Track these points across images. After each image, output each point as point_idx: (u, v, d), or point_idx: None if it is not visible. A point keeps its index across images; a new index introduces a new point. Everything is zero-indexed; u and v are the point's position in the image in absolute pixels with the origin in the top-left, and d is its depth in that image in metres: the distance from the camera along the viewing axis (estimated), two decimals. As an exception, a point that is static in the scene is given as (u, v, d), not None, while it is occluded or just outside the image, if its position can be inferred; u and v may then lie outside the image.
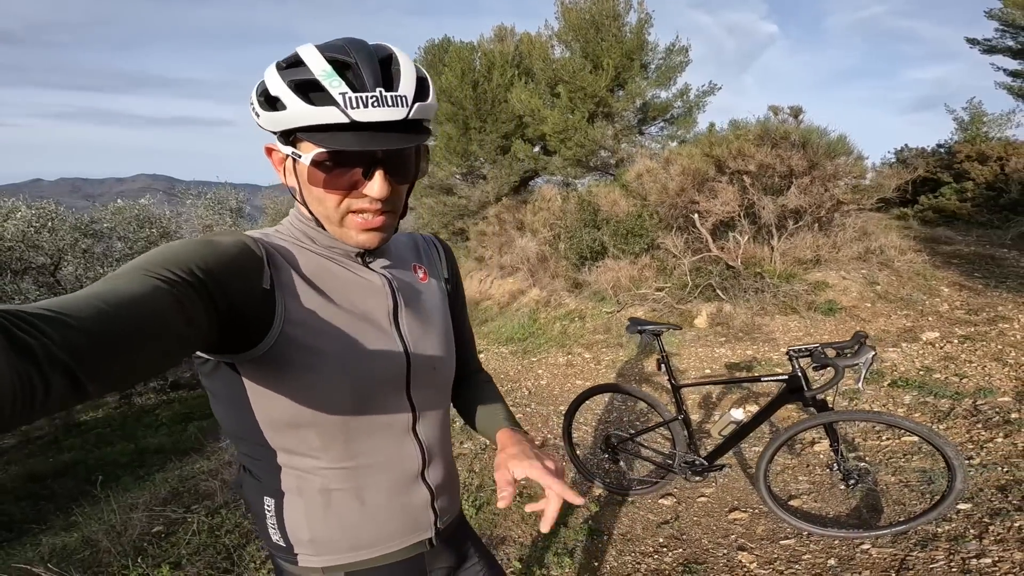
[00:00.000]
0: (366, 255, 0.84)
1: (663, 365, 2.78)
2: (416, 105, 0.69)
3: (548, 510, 0.74)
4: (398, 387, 0.85)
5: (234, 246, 0.70)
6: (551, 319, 7.33)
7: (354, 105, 0.66)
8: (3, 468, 6.98)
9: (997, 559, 2.11)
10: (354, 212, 0.75)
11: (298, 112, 0.67)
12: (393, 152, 0.71)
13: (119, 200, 10.13)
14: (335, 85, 0.66)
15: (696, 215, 6.64)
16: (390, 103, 0.67)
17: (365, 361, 0.80)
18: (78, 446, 7.46)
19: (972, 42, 11.84)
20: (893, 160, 12.38)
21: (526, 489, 3.21)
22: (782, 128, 6.53)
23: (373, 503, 0.86)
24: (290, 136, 0.71)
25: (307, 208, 0.78)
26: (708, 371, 4.96)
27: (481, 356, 5.89)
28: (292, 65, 0.69)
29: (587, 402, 3.15)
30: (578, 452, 3.27)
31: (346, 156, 0.69)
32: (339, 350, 0.77)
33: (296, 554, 0.86)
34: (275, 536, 0.87)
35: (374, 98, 0.66)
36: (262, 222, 14.81)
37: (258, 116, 0.71)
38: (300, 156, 0.70)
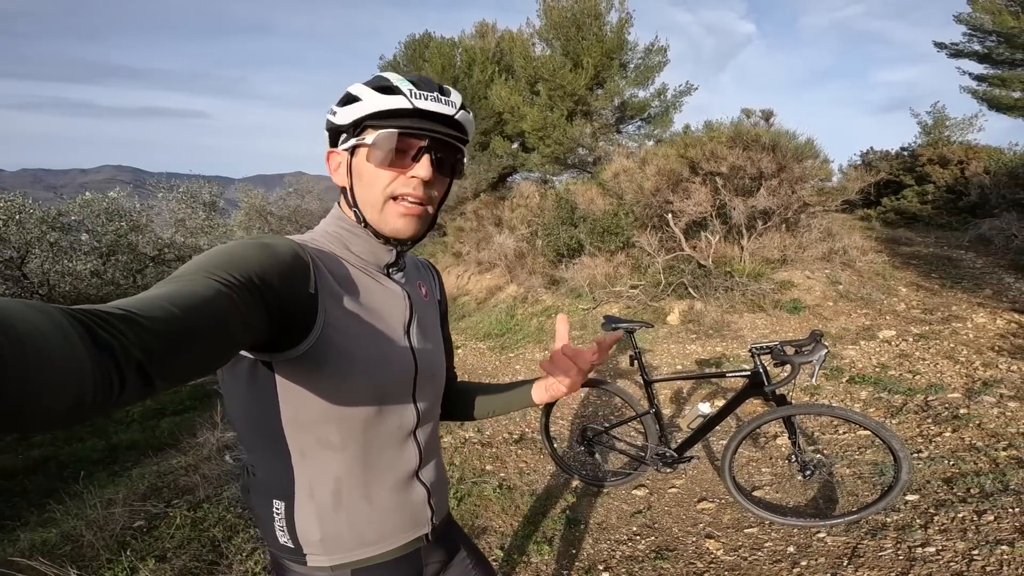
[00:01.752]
0: (390, 268, 0.93)
1: (636, 361, 2.92)
2: (461, 112, 0.87)
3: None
4: (407, 390, 0.93)
5: (287, 252, 0.75)
6: (528, 315, 7.45)
7: (416, 96, 0.82)
8: (-31, 465, 6.80)
9: (940, 548, 2.28)
10: (395, 199, 0.86)
11: (371, 101, 0.82)
12: (439, 142, 0.85)
13: (87, 192, 9.86)
14: (403, 84, 0.83)
15: (670, 214, 6.83)
16: (443, 103, 0.84)
17: (386, 365, 0.88)
18: (48, 442, 7.30)
19: (940, 46, 12.17)
20: (859, 162, 12.81)
21: (505, 481, 3.33)
22: (753, 131, 6.75)
23: (379, 501, 0.92)
24: (357, 128, 0.85)
25: (354, 206, 0.88)
26: (680, 367, 5.14)
27: (459, 352, 5.96)
28: (370, 82, 0.86)
29: (562, 399, 3.27)
30: (555, 446, 3.40)
31: (403, 139, 0.83)
32: (366, 354, 0.84)
33: (305, 554, 0.90)
34: (283, 538, 0.90)
35: (432, 96, 0.84)
36: (236, 215, 14.57)
37: (334, 114, 0.86)
38: (365, 139, 0.84)
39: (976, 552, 2.21)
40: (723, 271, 6.37)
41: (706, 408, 2.75)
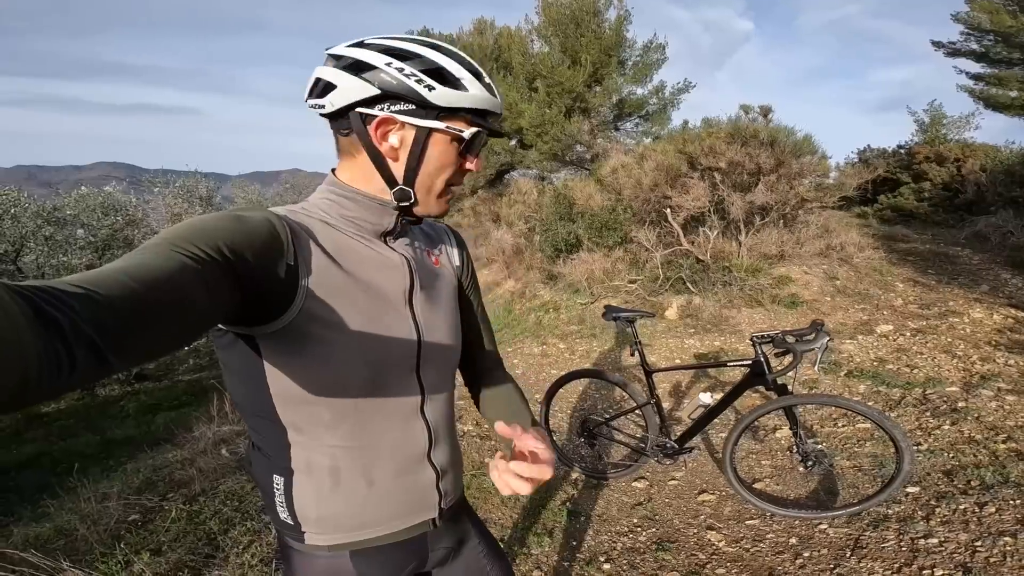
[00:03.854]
0: (387, 235, 0.88)
1: (636, 351, 2.90)
2: None
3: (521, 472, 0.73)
4: (409, 367, 0.88)
5: (261, 223, 0.71)
6: (526, 310, 7.43)
7: (496, 96, 0.83)
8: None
9: (943, 539, 2.28)
10: (446, 187, 0.86)
11: (477, 94, 0.80)
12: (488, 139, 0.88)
13: (82, 187, 9.80)
14: (484, 78, 0.82)
15: (668, 210, 6.82)
16: (498, 99, 0.85)
17: (380, 339, 0.83)
18: (41, 438, 7.26)
19: (937, 45, 12.20)
20: (856, 160, 12.85)
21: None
22: (752, 127, 6.75)
23: (380, 483, 0.88)
24: (445, 112, 0.80)
25: (405, 184, 0.83)
26: (678, 361, 5.13)
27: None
28: (449, 55, 0.81)
29: (562, 390, 3.25)
30: (555, 438, 3.39)
31: (481, 137, 0.84)
32: (356, 326, 0.80)
33: (303, 532, 0.88)
34: (283, 514, 0.88)
35: (497, 94, 0.85)
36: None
37: (432, 89, 0.77)
38: (463, 132, 0.81)
39: (979, 543, 2.21)
40: (721, 266, 6.37)
41: (707, 398, 2.74)
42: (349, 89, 0.77)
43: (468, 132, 0.81)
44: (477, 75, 0.81)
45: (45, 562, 2.31)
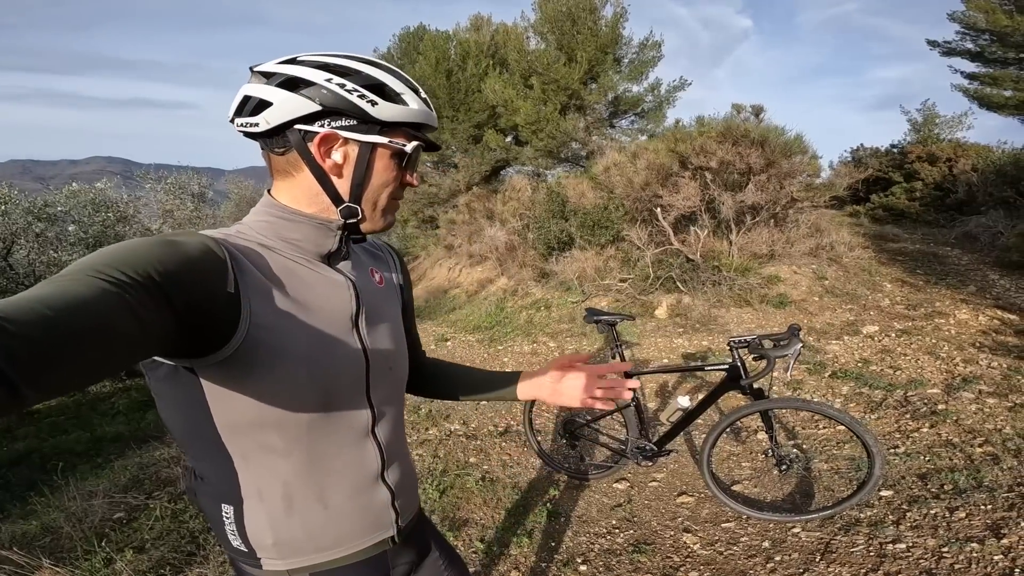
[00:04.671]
0: (331, 257, 0.86)
1: (617, 354, 2.93)
2: None
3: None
4: (358, 388, 0.88)
5: (196, 248, 0.68)
6: (518, 308, 7.46)
7: (432, 112, 0.86)
8: (-48, 457, 6.75)
9: (911, 544, 2.31)
10: (389, 201, 0.88)
11: (416, 109, 0.82)
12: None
13: (74, 183, 9.76)
14: (420, 92, 0.84)
15: (659, 209, 6.84)
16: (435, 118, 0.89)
17: (329, 362, 0.82)
18: (32, 434, 7.26)
19: (932, 44, 12.18)
20: (849, 159, 12.87)
21: (488, 474, 3.34)
22: (743, 126, 6.75)
23: (335, 505, 0.87)
24: (386, 127, 0.81)
25: (352, 201, 0.83)
26: (667, 360, 5.16)
27: (448, 344, 5.93)
28: (386, 71, 0.82)
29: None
30: (539, 439, 3.41)
31: (419, 151, 0.87)
32: (304, 351, 0.78)
33: (259, 558, 0.86)
34: (235, 542, 0.86)
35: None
36: (225, 206, 14.46)
37: (375, 104, 0.78)
38: (405, 146, 0.83)
39: (946, 549, 2.24)
40: (711, 265, 6.39)
41: (685, 401, 2.76)
42: (287, 105, 0.75)
43: (410, 146, 0.83)
44: (415, 90, 0.83)
45: (25, 560, 2.33)
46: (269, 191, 0.86)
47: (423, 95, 0.85)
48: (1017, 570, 2.03)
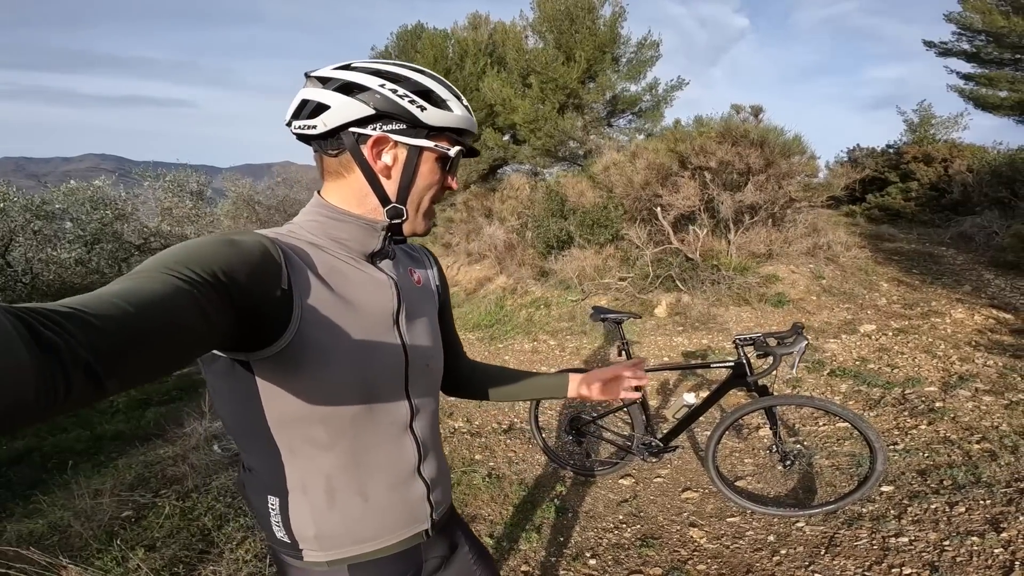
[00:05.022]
0: (375, 256, 0.90)
1: (623, 351, 2.97)
2: None
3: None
4: (398, 384, 0.91)
5: (255, 247, 0.71)
6: (517, 306, 7.49)
7: (474, 119, 0.90)
8: (-49, 456, 6.73)
9: (913, 538, 2.37)
10: (430, 205, 0.92)
11: (461, 116, 0.86)
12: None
13: (72, 181, 9.71)
14: (463, 99, 0.89)
15: (659, 208, 6.88)
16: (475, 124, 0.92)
17: (372, 358, 0.85)
18: (31, 433, 7.24)
19: (929, 44, 12.25)
20: (846, 159, 12.96)
21: (494, 470, 3.38)
22: (742, 127, 6.80)
23: (375, 499, 0.90)
24: (432, 132, 0.85)
25: (398, 202, 0.87)
26: (667, 358, 5.21)
27: (450, 344, 5.93)
28: (432, 78, 0.86)
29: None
30: (544, 436, 3.45)
31: (460, 156, 0.90)
32: (350, 347, 0.82)
33: (301, 549, 0.90)
34: (279, 533, 0.89)
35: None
36: (223, 204, 14.41)
37: (423, 110, 0.83)
38: (449, 151, 0.87)
39: (947, 543, 2.29)
40: (710, 264, 6.44)
41: (691, 398, 2.81)
42: (344, 109, 0.79)
43: (453, 150, 0.87)
44: (458, 97, 0.87)
45: (44, 559, 2.34)
46: (319, 192, 0.89)
47: (465, 102, 0.88)
48: (1017, 563, 2.09)
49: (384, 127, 0.81)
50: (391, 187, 0.86)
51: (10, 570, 2.36)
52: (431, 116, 0.83)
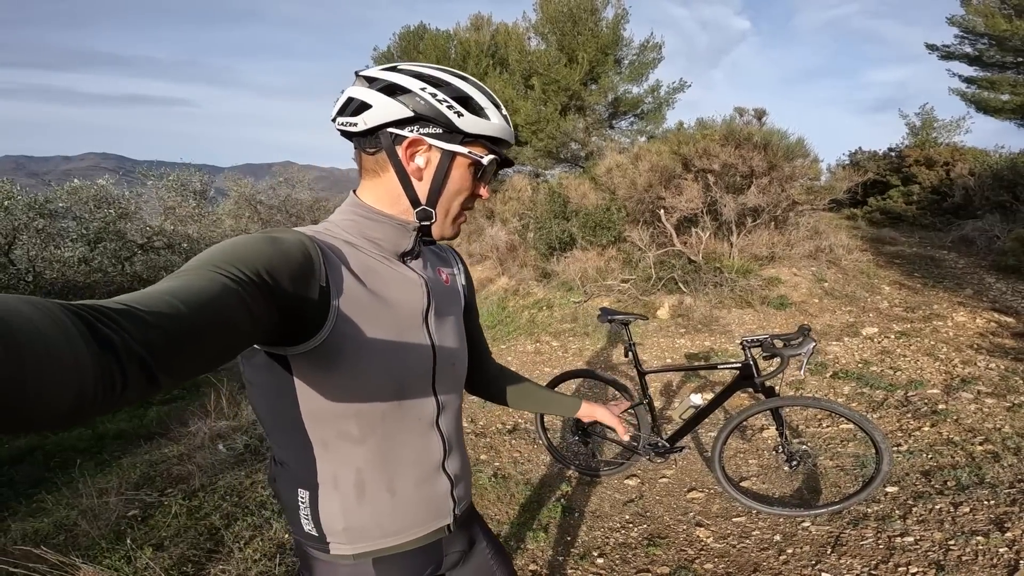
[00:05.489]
0: (406, 256, 0.92)
1: (630, 352, 2.99)
2: None
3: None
4: (426, 380, 0.93)
5: (295, 246, 0.73)
6: (520, 307, 7.50)
7: (511, 129, 0.91)
8: (-47, 454, 6.73)
9: (919, 538, 2.38)
10: (460, 211, 0.93)
11: (498, 124, 0.88)
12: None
13: (75, 180, 9.72)
14: (501, 109, 0.89)
15: (662, 210, 6.91)
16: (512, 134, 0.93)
17: (403, 355, 0.87)
18: (34, 431, 7.25)
19: (931, 47, 12.30)
20: (847, 162, 12.99)
21: (499, 470, 3.39)
22: (746, 130, 6.84)
23: (402, 493, 0.92)
24: (467, 138, 0.86)
25: (428, 205, 0.89)
26: (669, 360, 5.23)
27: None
28: (473, 85, 0.88)
29: (556, 390, 3.34)
30: (550, 436, 3.46)
31: (494, 164, 0.91)
32: (383, 344, 0.84)
33: (328, 543, 0.91)
34: (307, 526, 0.91)
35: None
36: (224, 204, 14.42)
37: (460, 116, 0.84)
38: (482, 158, 0.88)
39: (952, 542, 2.31)
40: (713, 267, 6.46)
41: (698, 399, 2.82)
42: (384, 109, 0.82)
43: (487, 158, 0.88)
44: (497, 106, 0.88)
45: (56, 558, 2.35)
46: (355, 191, 0.92)
47: (504, 112, 0.89)
48: (1022, 562, 2.10)
49: (420, 130, 0.83)
50: (422, 189, 0.87)
51: (17, 568, 2.37)
52: (467, 122, 0.84)
